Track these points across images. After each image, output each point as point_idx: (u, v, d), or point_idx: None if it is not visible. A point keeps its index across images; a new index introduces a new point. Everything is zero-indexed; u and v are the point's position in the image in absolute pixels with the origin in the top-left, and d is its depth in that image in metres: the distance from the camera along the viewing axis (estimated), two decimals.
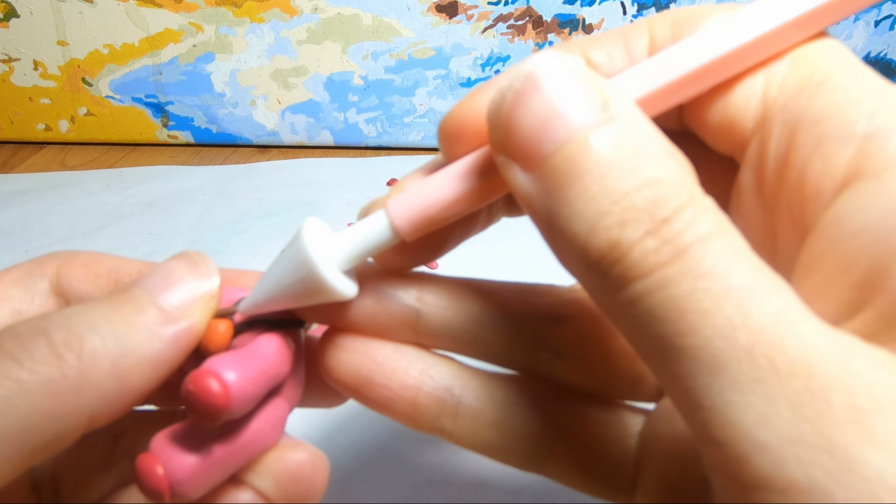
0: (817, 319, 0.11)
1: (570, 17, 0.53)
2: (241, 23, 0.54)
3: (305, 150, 0.59)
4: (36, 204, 0.48)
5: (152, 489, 0.15)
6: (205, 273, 0.16)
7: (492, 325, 0.18)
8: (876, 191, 0.12)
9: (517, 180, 0.13)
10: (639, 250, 0.11)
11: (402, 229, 0.15)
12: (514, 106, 0.13)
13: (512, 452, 0.18)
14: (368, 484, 0.25)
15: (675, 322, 0.11)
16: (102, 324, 0.14)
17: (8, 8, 0.53)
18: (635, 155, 0.12)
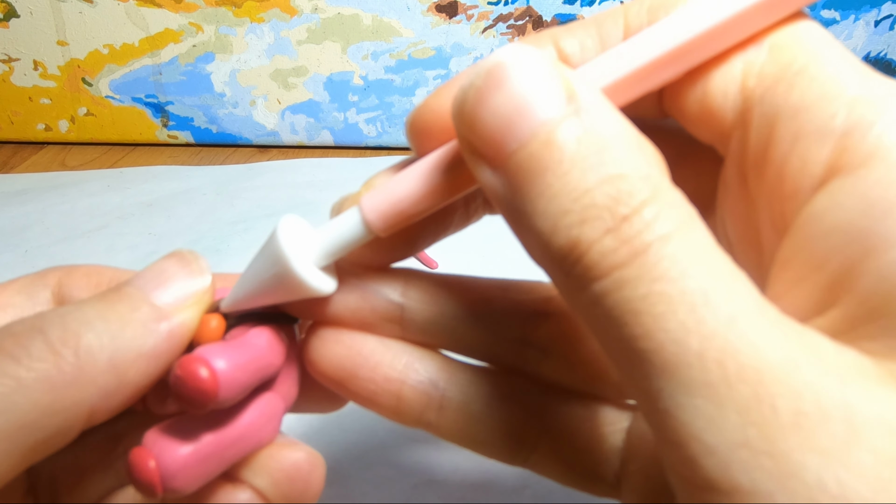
0: (774, 324, 0.11)
1: (570, 17, 0.53)
2: (241, 23, 0.54)
3: (305, 150, 0.59)
4: (36, 204, 0.48)
5: (144, 482, 0.15)
6: (196, 270, 0.16)
7: (476, 321, 0.18)
8: (850, 188, 0.12)
9: (484, 177, 0.13)
10: (597, 250, 0.11)
11: (375, 225, 0.15)
12: (477, 102, 0.13)
13: (496, 447, 0.18)
14: (368, 484, 0.25)
15: (631, 325, 0.11)
16: (97, 321, 0.14)
17: (8, 8, 0.53)
18: (599, 150, 0.12)
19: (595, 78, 0.14)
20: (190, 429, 0.15)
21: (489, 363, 0.18)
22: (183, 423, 0.15)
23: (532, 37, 0.16)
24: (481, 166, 0.13)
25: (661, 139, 0.14)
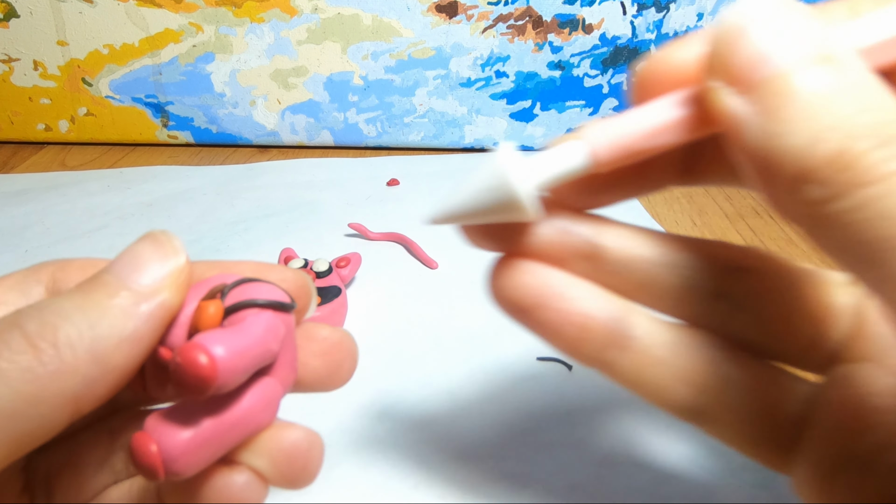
0: None
1: (570, 17, 0.53)
2: (241, 23, 0.54)
3: (305, 151, 0.59)
4: (36, 204, 0.48)
5: (146, 466, 0.15)
6: (171, 250, 0.16)
7: (671, 267, 0.18)
8: None
9: (729, 102, 0.14)
10: (871, 158, 0.12)
11: (600, 155, 0.16)
12: (740, 33, 0.14)
13: (672, 395, 0.18)
14: (367, 483, 0.25)
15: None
16: (74, 312, 0.15)
17: (8, 8, 0.53)
18: (857, 87, 0.13)
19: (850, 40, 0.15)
20: (190, 414, 0.15)
21: (676, 316, 0.19)
22: (183, 408, 0.16)
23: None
24: (727, 93, 0.14)
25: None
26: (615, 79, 0.55)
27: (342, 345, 0.18)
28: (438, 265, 0.39)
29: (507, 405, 0.29)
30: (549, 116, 0.57)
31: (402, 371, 0.31)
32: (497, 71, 0.55)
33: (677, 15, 0.53)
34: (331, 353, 0.18)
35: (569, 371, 0.31)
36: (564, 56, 0.54)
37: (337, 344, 0.18)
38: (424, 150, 0.59)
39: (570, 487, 0.25)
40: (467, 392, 0.30)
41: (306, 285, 0.19)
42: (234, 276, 0.17)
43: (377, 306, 0.36)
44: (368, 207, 0.47)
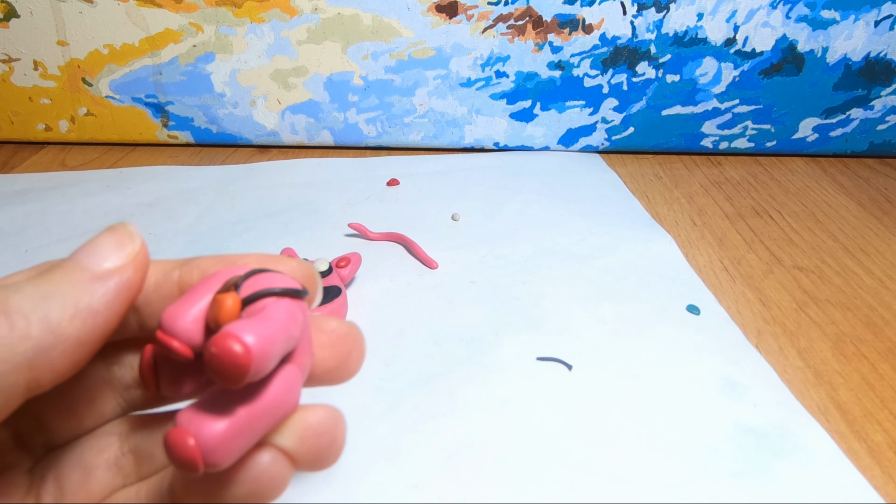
0: None
1: (570, 17, 0.53)
2: (241, 23, 0.54)
3: (305, 150, 0.59)
4: (36, 204, 0.48)
5: (185, 461, 0.15)
6: (126, 235, 0.17)
7: None
8: None
9: None
10: None
11: None
12: None
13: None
14: (366, 482, 0.25)
15: None
16: (27, 286, 0.15)
17: (8, 8, 0.53)
18: None
19: None
20: (222, 405, 0.16)
21: None
22: (214, 400, 0.16)
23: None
24: None
25: None
26: (615, 79, 0.55)
27: (350, 336, 0.19)
28: (438, 265, 0.39)
29: (506, 405, 0.29)
30: (549, 116, 0.57)
31: (402, 371, 0.31)
32: (497, 71, 0.55)
33: (677, 15, 0.53)
34: (339, 345, 0.18)
35: (569, 371, 0.31)
36: (564, 56, 0.54)
37: (345, 336, 0.18)
38: (424, 150, 0.59)
39: (569, 488, 0.25)
40: (466, 392, 0.30)
41: (312, 274, 0.19)
42: (244, 269, 0.18)
43: (377, 306, 0.36)
44: (368, 207, 0.47)
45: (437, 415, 0.28)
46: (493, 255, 0.40)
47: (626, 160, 0.58)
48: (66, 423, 0.19)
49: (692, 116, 0.57)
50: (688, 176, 0.55)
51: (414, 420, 0.28)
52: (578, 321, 0.34)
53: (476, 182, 0.51)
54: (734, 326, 0.34)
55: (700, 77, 0.55)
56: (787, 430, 0.27)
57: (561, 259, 0.40)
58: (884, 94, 0.56)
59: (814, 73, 0.55)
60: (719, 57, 0.54)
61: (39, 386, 0.15)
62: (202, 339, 0.16)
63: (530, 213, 0.46)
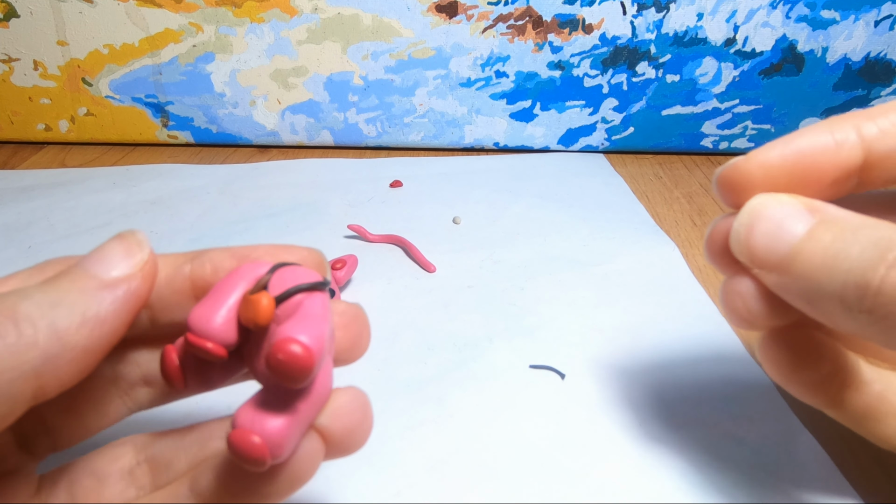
0: None
1: (570, 17, 0.53)
2: (241, 23, 0.54)
3: (305, 151, 0.59)
4: (41, 200, 0.48)
5: (253, 458, 0.16)
6: (134, 244, 0.17)
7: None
8: None
9: (772, 282, 0.19)
10: (890, 281, 0.15)
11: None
12: (749, 234, 0.19)
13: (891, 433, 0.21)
14: (349, 489, 0.25)
15: None
16: (36, 293, 0.15)
17: (8, 8, 0.53)
18: (851, 230, 0.17)
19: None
20: (277, 400, 0.16)
21: None
22: (268, 397, 0.17)
23: (833, 120, 0.20)
24: (769, 275, 0.19)
25: None
26: (615, 79, 0.55)
27: (359, 318, 0.19)
28: (436, 269, 0.39)
29: (497, 413, 0.29)
30: (549, 116, 0.57)
31: (392, 375, 0.31)
32: (497, 71, 0.55)
33: (677, 15, 0.53)
34: (350, 327, 0.19)
35: (561, 379, 0.31)
36: (564, 56, 0.54)
37: (355, 317, 0.19)
38: (424, 150, 0.59)
39: (559, 497, 0.25)
40: (457, 398, 0.29)
41: (323, 261, 0.20)
42: (262, 264, 0.18)
43: (372, 309, 0.36)
44: (370, 209, 0.47)
45: (424, 420, 0.28)
46: (492, 260, 0.40)
47: (626, 160, 0.58)
48: (70, 425, 0.19)
49: (692, 116, 0.57)
50: (688, 176, 0.55)
51: (401, 426, 0.28)
52: (574, 329, 0.34)
53: (479, 185, 0.51)
54: (734, 338, 0.34)
55: (700, 77, 0.55)
56: (783, 446, 0.27)
57: (561, 265, 0.40)
58: (884, 94, 0.56)
59: (814, 73, 0.55)
60: (719, 57, 0.54)
61: (45, 394, 0.15)
62: (236, 339, 0.17)
63: (532, 217, 0.46)
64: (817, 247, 0.17)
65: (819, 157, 0.19)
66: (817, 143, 0.19)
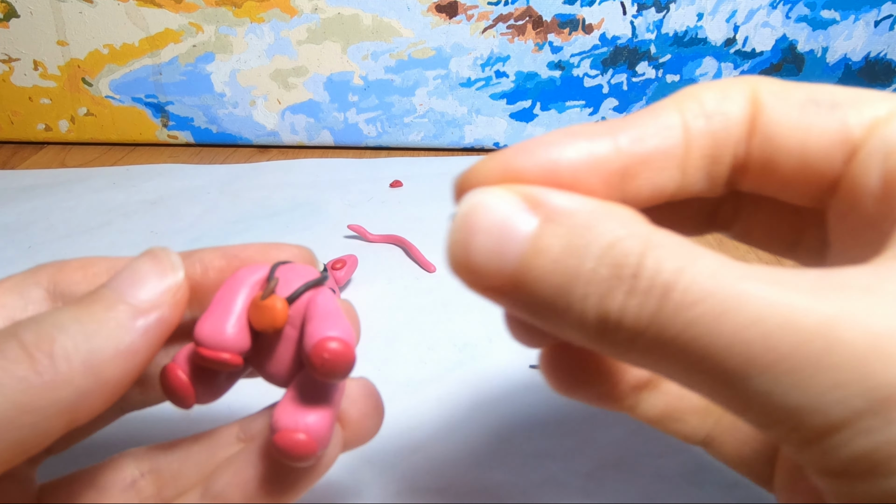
0: (803, 290, 0.11)
1: (570, 17, 0.53)
2: (241, 23, 0.54)
3: (305, 151, 0.59)
4: (41, 200, 0.48)
5: (302, 455, 0.16)
6: (168, 267, 0.17)
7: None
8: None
9: (507, 304, 0.14)
10: (628, 311, 0.12)
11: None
12: (465, 254, 0.14)
13: (687, 428, 0.19)
14: (350, 489, 0.25)
15: (692, 350, 0.12)
16: (71, 323, 0.15)
17: (8, 8, 0.53)
18: (580, 234, 0.13)
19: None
20: (311, 396, 0.17)
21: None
22: (301, 395, 0.17)
23: (586, 127, 0.16)
24: (500, 298, 0.14)
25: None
26: (615, 79, 0.55)
27: (351, 313, 0.20)
28: (436, 269, 0.39)
29: (495, 413, 0.29)
30: (549, 116, 0.57)
31: (392, 375, 0.31)
32: (497, 71, 0.55)
33: (677, 15, 0.53)
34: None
35: None
36: (564, 56, 0.54)
37: (347, 311, 0.20)
38: (424, 150, 0.59)
39: (558, 499, 0.25)
40: (456, 399, 0.29)
41: (313, 257, 0.20)
42: (258, 267, 0.18)
43: (371, 309, 0.36)
44: (370, 209, 0.47)
45: (424, 421, 0.28)
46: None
47: None
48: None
49: None
50: None
51: (400, 426, 0.28)
52: None
53: None
54: None
55: (700, 77, 0.55)
56: None
57: None
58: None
59: (814, 73, 0.55)
60: (719, 57, 0.54)
61: (77, 423, 0.15)
62: (249, 345, 0.17)
63: None
64: (546, 263, 0.13)
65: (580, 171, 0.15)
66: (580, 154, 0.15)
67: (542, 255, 0.13)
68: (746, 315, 0.11)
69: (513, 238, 0.13)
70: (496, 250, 0.13)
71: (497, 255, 0.13)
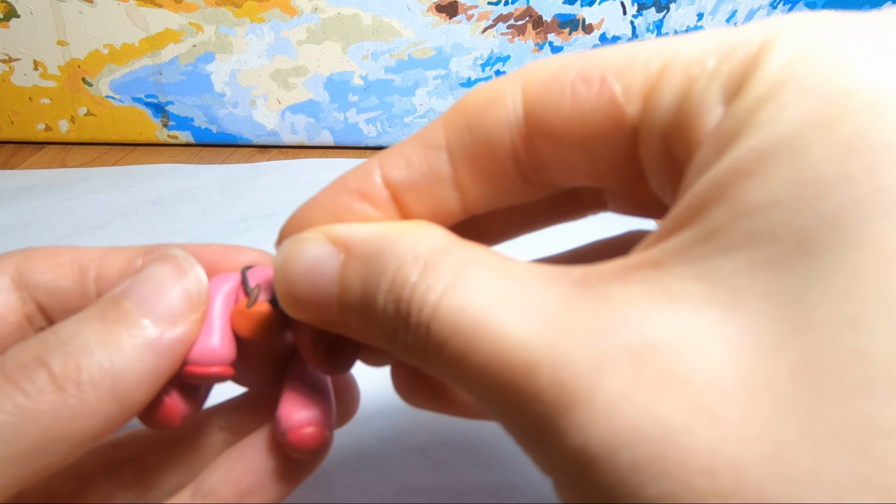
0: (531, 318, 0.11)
1: (570, 17, 0.53)
2: (241, 23, 0.54)
3: (305, 151, 0.59)
4: (42, 200, 0.48)
5: (313, 448, 0.17)
6: (193, 279, 0.16)
7: None
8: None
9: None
10: (410, 350, 0.13)
11: None
12: (294, 305, 0.15)
13: None
14: (350, 489, 0.25)
15: (461, 381, 0.12)
16: (97, 348, 0.15)
17: (8, 8, 0.53)
18: (373, 266, 0.13)
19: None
20: (309, 391, 0.18)
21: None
22: (299, 390, 0.18)
23: (357, 168, 0.16)
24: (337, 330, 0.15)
25: None
26: None
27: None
28: None
29: None
30: None
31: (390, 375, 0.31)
32: (497, 71, 0.55)
33: (677, 15, 0.53)
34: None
35: None
36: None
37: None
38: None
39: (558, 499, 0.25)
40: None
41: (271, 258, 0.20)
42: (228, 275, 0.18)
43: None
44: None
45: (423, 422, 0.28)
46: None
47: None
48: None
49: None
50: None
51: (400, 426, 0.28)
52: None
53: None
54: None
55: None
56: None
57: None
58: None
59: None
60: None
61: (96, 444, 0.15)
62: (235, 354, 0.17)
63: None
64: (354, 299, 0.14)
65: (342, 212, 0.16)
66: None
67: (349, 293, 0.14)
68: (479, 357, 0.11)
69: (324, 280, 0.14)
70: (315, 294, 0.14)
71: (317, 299, 0.14)
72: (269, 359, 0.18)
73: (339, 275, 0.14)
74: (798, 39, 0.11)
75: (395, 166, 0.15)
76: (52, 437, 0.14)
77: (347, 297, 0.14)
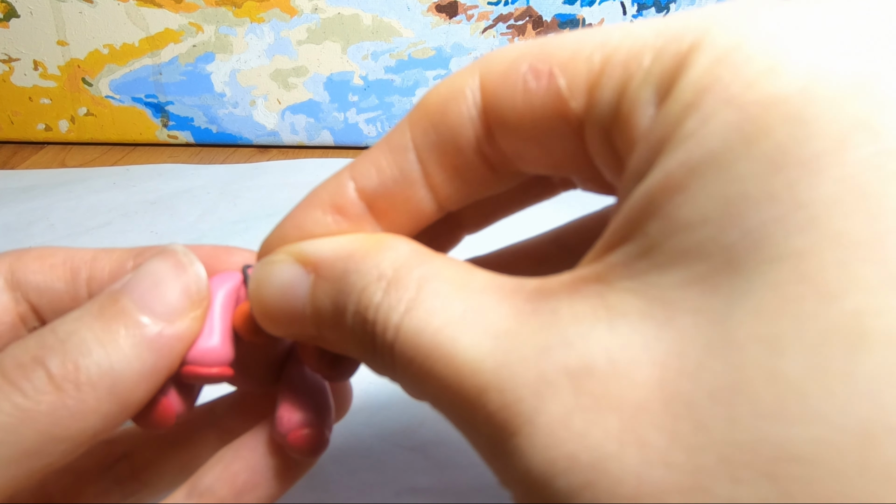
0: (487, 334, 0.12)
1: (570, 17, 0.53)
2: (241, 23, 0.54)
3: (305, 151, 0.59)
4: (42, 200, 0.48)
5: (311, 448, 0.17)
6: (193, 276, 0.16)
7: None
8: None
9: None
10: (380, 370, 0.13)
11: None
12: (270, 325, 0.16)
13: None
14: (351, 490, 0.25)
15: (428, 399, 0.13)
16: (95, 347, 0.15)
17: (8, 8, 0.53)
18: (341, 287, 0.14)
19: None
20: (308, 392, 0.18)
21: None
22: (297, 392, 0.18)
23: (328, 180, 0.16)
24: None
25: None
26: None
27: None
28: None
29: None
30: None
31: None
32: None
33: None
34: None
35: None
36: None
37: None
38: None
39: None
40: None
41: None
42: (228, 275, 0.18)
43: None
44: None
45: (424, 421, 0.28)
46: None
47: None
48: None
49: None
50: None
51: (400, 426, 0.28)
52: None
53: None
54: None
55: None
56: None
57: None
58: None
59: None
60: None
61: (94, 442, 0.15)
62: (234, 353, 0.17)
63: (532, 216, 0.46)
64: (326, 320, 0.14)
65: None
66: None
67: (321, 313, 0.14)
68: (437, 380, 0.12)
69: (297, 301, 0.14)
70: (290, 315, 0.15)
71: (292, 319, 0.15)
72: (267, 360, 0.18)
73: (310, 295, 0.14)
74: (727, 35, 0.11)
75: (365, 175, 0.15)
76: (51, 438, 0.14)
77: (320, 316, 0.14)
